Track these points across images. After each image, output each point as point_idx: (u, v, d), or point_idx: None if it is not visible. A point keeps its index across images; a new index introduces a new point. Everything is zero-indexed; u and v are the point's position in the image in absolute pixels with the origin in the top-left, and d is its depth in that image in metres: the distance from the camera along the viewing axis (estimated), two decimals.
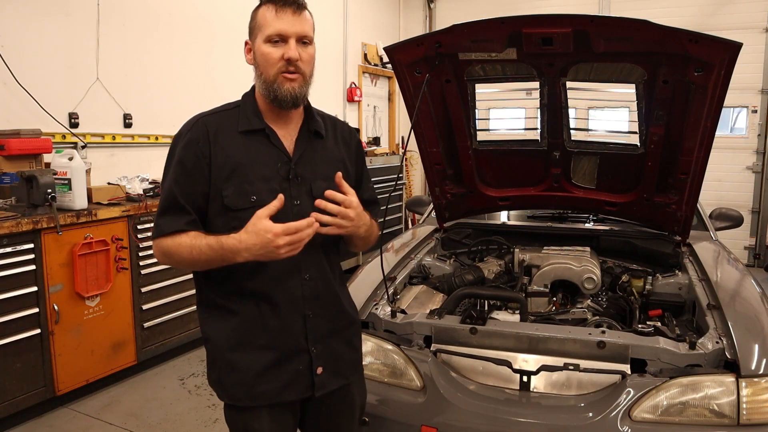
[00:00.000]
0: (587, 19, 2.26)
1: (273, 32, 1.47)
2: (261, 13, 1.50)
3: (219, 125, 1.54)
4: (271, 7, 1.48)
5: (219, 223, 1.51)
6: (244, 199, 1.50)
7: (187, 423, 3.23)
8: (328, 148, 1.64)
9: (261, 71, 1.52)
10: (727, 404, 1.80)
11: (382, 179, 6.19)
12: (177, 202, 1.49)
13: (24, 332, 3.07)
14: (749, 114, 6.73)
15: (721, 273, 2.57)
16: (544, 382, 2.03)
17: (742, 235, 6.53)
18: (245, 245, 1.39)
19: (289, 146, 1.57)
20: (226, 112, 1.58)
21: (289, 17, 1.48)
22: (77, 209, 3.34)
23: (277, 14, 1.47)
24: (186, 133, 1.53)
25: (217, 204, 1.51)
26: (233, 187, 1.50)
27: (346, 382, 1.67)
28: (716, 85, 2.24)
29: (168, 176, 1.53)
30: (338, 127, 1.72)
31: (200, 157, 1.50)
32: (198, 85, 4.78)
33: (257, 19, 1.51)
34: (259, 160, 1.53)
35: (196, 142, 1.51)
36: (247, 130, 1.54)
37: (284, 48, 1.48)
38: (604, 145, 2.84)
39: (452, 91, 2.71)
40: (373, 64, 7.65)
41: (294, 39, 1.48)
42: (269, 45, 1.48)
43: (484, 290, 2.57)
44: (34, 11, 3.65)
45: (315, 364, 1.57)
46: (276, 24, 1.47)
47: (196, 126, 1.53)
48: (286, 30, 1.47)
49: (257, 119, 1.56)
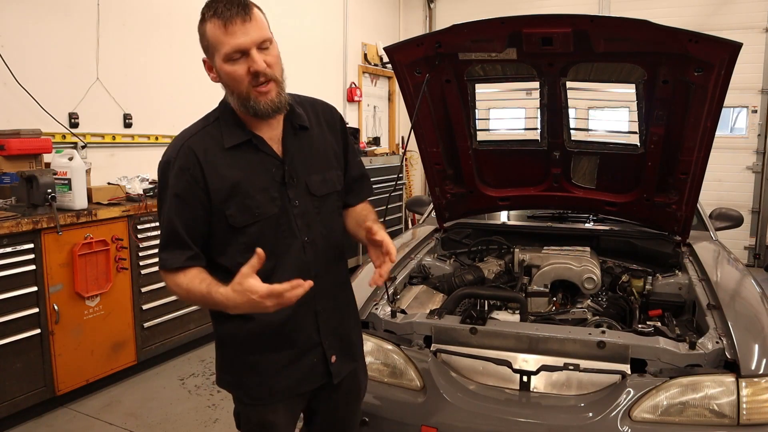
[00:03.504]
0: (587, 19, 2.26)
1: (230, 50, 1.38)
2: (210, 30, 1.40)
3: (205, 146, 1.48)
4: (217, 22, 1.37)
5: (227, 242, 1.50)
6: (248, 214, 1.48)
7: (187, 423, 3.23)
8: (314, 139, 1.61)
9: (232, 89, 1.45)
10: (727, 404, 1.80)
11: (382, 179, 6.19)
12: (178, 235, 1.47)
13: (24, 332, 3.07)
14: (749, 114, 6.73)
15: (721, 273, 2.57)
16: (544, 382, 2.03)
17: (742, 235, 6.53)
18: (233, 303, 1.35)
19: (278, 148, 1.54)
20: (206, 129, 1.52)
21: (240, 28, 1.37)
22: (77, 209, 3.34)
23: (227, 29, 1.37)
24: (174, 161, 1.47)
25: (222, 225, 1.49)
26: (235, 206, 1.47)
27: (356, 365, 1.74)
28: (716, 85, 2.24)
29: (164, 208, 1.49)
30: (319, 110, 1.66)
31: (194, 183, 1.45)
32: (198, 85, 4.75)
33: (208, 37, 1.41)
34: (253, 173, 1.50)
35: (187, 168, 1.45)
36: (234, 144, 1.49)
37: (247, 61, 1.39)
38: (604, 145, 2.84)
39: (452, 91, 2.71)
40: (373, 64, 7.65)
41: (254, 48, 1.39)
42: (231, 63, 1.39)
43: (484, 290, 2.57)
44: (34, 11, 3.65)
45: (328, 354, 1.62)
46: (230, 40, 1.37)
47: (182, 151, 1.47)
48: (243, 43, 1.37)
49: (240, 131, 1.50)
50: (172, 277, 1.48)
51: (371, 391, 2.09)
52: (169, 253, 1.48)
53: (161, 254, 1.50)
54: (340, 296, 1.69)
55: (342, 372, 1.67)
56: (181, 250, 1.47)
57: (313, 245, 1.53)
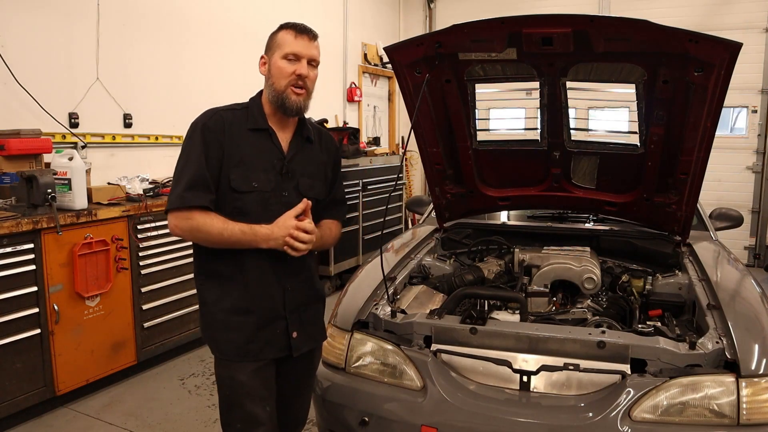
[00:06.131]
0: (587, 19, 2.26)
1: (290, 51, 1.80)
2: (281, 35, 1.82)
3: (232, 120, 1.84)
4: (291, 31, 1.81)
5: (225, 203, 1.80)
6: (248, 184, 1.80)
7: (187, 423, 3.23)
8: (314, 152, 1.97)
9: (273, 81, 1.82)
10: (727, 404, 1.80)
11: (382, 179, 6.19)
12: (205, 179, 1.76)
13: (24, 332, 3.07)
14: (749, 114, 6.74)
15: (721, 273, 2.57)
16: (544, 382, 2.03)
17: (742, 235, 6.53)
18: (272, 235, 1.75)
19: (285, 146, 1.89)
20: (237, 111, 1.88)
21: (306, 42, 1.82)
22: (77, 209, 3.34)
23: (296, 38, 1.80)
24: (207, 122, 1.81)
25: (224, 185, 1.79)
26: (238, 173, 1.80)
27: (315, 346, 2.04)
28: (716, 85, 2.24)
29: (193, 155, 1.77)
30: (323, 136, 2.05)
31: (217, 142, 1.79)
32: (197, 85, 4.79)
33: (277, 39, 1.83)
34: (260, 154, 1.84)
35: (215, 130, 1.80)
36: (254, 128, 1.85)
37: (297, 65, 1.80)
38: (604, 145, 2.84)
39: (452, 91, 2.71)
40: (373, 64, 7.65)
41: (306, 60, 1.81)
42: (285, 61, 1.80)
43: (484, 290, 2.57)
44: (34, 11, 3.65)
45: (290, 329, 1.89)
46: (294, 45, 1.80)
47: (215, 118, 1.83)
48: (301, 51, 1.80)
49: (263, 120, 1.87)
50: (201, 215, 1.75)
51: (371, 392, 2.10)
52: (195, 193, 1.75)
53: (185, 192, 1.75)
54: (306, 283, 1.96)
55: (302, 348, 1.93)
56: (205, 192, 1.76)
57: None
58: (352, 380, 2.18)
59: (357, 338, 2.24)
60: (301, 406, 2.11)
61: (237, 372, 1.83)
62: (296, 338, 1.90)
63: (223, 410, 1.89)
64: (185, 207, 1.75)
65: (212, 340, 1.89)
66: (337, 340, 2.27)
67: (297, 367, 1.99)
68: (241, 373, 1.83)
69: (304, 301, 1.95)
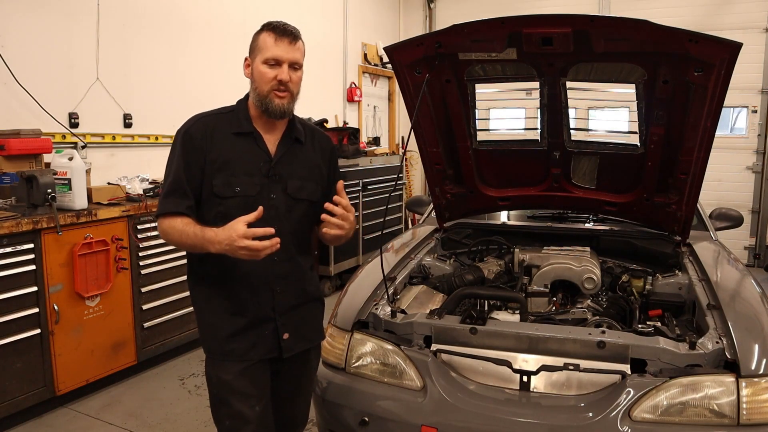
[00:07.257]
0: (587, 19, 2.26)
1: (270, 56, 1.76)
2: (262, 37, 1.78)
3: (216, 125, 1.83)
4: (271, 34, 1.77)
5: (208, 208, 1.80)
6: (230, 189, 1.79)
7: (187, 423, 3.23)
8: (305, 153, 1.93)
9: (256, 86, 1.80)
10: (727, 404, 1.80)
11: (382, 179, 6.19)
12: (183, 186, 1.77)
13: (24, 332, 3.07)
14: (749, 114, 6.73)
15: (721, 273, 2.57)
16: (544, 382, 2.03)
17: (742, 235, 6.53)
18: (217, 239, 1.66)
19: (272, 149, 1.86)
20: (222, 114, 1.87)
21: (286, 46, 1.76)
22: (77, 209, 3.34)
23: (276, 42, 1.76)
24: (189, 128, 1.81)
25: (207, 191, 1.79)
26: (221, 178, 1.78)
27: (310, 346, 2.01)
28: (716, 85, 2.24)
29: (174, 164, 1.80)
30: (316, 135, 2.01)
31: (199, 150, 1.79)
32: (197, 85, 4.78)
33: (258, 42, 1.79)
34: (245, 158, 1.82)
35: (197, 137, 1.80)
36: (239, 132, 1.83)
37: (278, 70, 1.76)
38: (604, 145, 2.84)
39: (452, 91, 2.71)
40: (373, 64, 7.65)
41: (287, 64, 1.77)
42: (266, 66, 1.76)
43: (484, 290, 2.57)
44: (34, 11, 3.65)
45: (281, 331, 1.88)
46: (274, 50, 1.75)
47: (197, 124, 1.82)
48: (282, 56, 1.76)
49: (248, 123, 1.85)
50: (169, 221, 1.77)
51: (371, 392, 2.10)
52: (171, 200, 1.77)
53: (164, 201, 1.78)
54: (298, 285, 1.92)
55: (294, 348, 1.91)
56: (182, 198, 1.77)
57: (279, 234, 1.69)
58: (352, 380, 2.18)
59: (357, 338, 2.24)
60: (300, 406, 2.10)
61: (222, 371, 1.85)
62: (288, 339, 1.89)
63: (212, 407, 1.92)
64: (161, 214, 1.79)
65: (202, 339, 1.92)
66: (337, 340, 2.28)
67: (293, 367, 1.98)
68: (226, 373, 1.84)
69: (296, 302, 1.92)
